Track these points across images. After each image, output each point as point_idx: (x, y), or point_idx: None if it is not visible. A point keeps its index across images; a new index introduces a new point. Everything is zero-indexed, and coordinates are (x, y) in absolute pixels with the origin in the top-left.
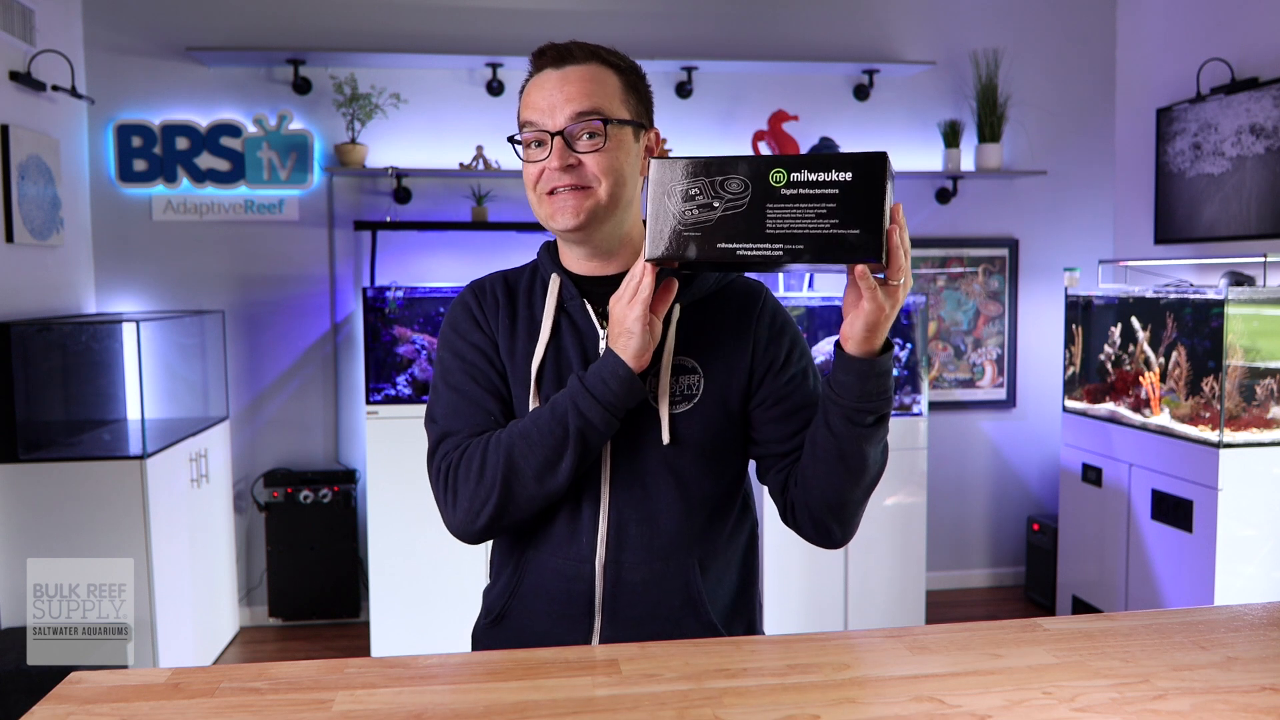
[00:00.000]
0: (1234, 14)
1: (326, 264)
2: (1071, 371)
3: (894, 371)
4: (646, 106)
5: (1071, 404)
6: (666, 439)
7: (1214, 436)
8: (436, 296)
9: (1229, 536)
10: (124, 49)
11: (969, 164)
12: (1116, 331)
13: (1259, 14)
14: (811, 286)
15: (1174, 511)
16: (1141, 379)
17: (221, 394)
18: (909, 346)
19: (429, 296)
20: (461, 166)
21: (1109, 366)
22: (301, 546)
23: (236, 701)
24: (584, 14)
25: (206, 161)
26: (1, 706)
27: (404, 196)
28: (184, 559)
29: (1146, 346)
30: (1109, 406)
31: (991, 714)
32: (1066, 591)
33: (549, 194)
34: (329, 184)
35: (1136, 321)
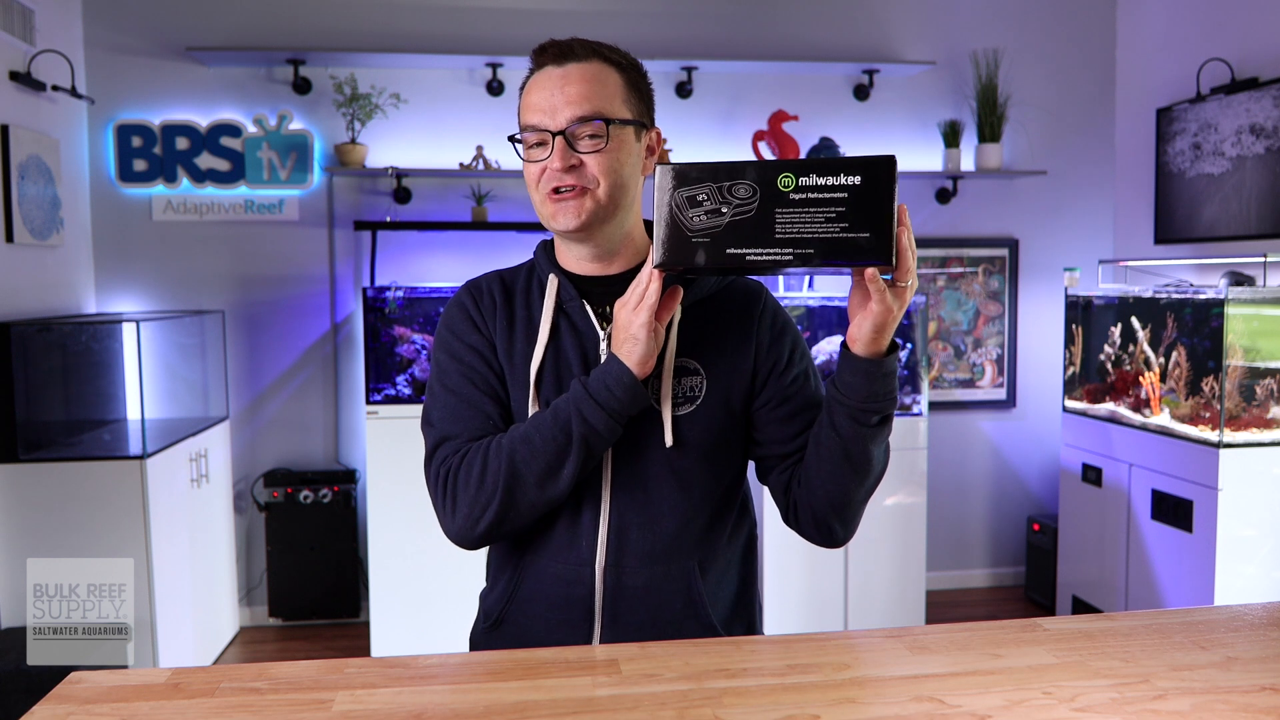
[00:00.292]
0: (1234, 14)
1: (326, 264)
2: (1071, 371)
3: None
4: (648, 105)
5: (1071, 404)
6: (670, 441)
7: (1214, 436)
8: (436, 296)
9: (1229, 536)
10: (124, 49)
11: (969, 164)
12: (1116, 331)
13: (1259, 14)
14: (811, 287)
15: (1174, 511)
16: (1141, 379)
17: (221, 394)
18: (909, 346)
19: (429, 296)
20: (461, 166)
21: (1109, 366)
22: (301, 546)
23: (236, 701)
24: (584, 14)
25: (206, 161)
26: (1, 706)
27: (404, 196)
28: (184, 559)
29: (1146, 346)
30: (1109, 406)
31: (991, 714)
32: (1066, 591)
33: (551, 194)
34: (329, 184)
35: (1136, 321)
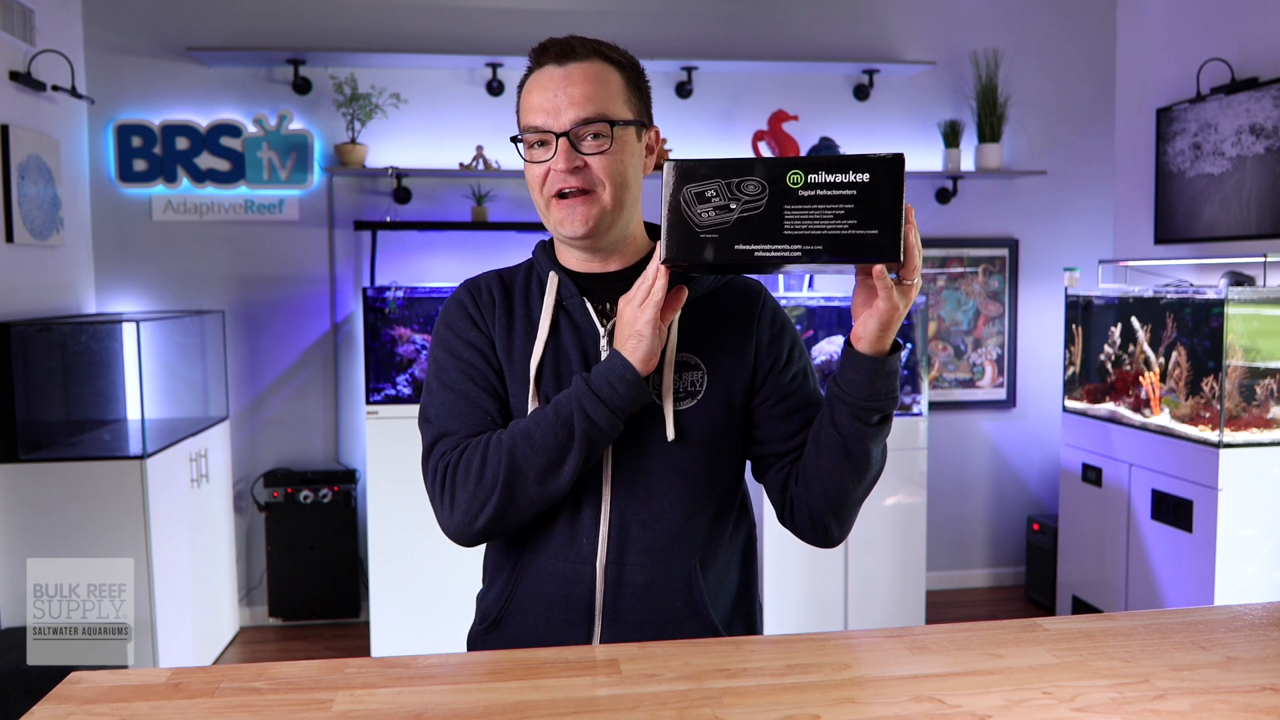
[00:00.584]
0: (1234, 14)
1: (326, 264)
2: (1071, 371)
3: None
4: (646, 104)
5: (1071, 404)
6: (671, 435)
7: (1214, 436)
8: (436, 296)
9: (1229, 536)
10: (124, 49)
11: (969, 164)
12: (1116, 331)
13: (1259, 14)
14: (811, 286)
15: (1174, 511)
16: (1141, 379)
17: (221, 394)
18: (909, 346)
19: (429, 296)
20: (461, 166)
21: (1109, 366)
22: (301, 546)
23: (236, 701)
24: (584, 14)
25: (206, 161)
26: (1, 706)
27: (404, 196)
28: (184, 559)
29: (1146, 346)
30: (1109, 406)
31: (991, 714)
32: (1066, 591)
33: (556, 198)
34: (329, 184)
35: (1136, 321)
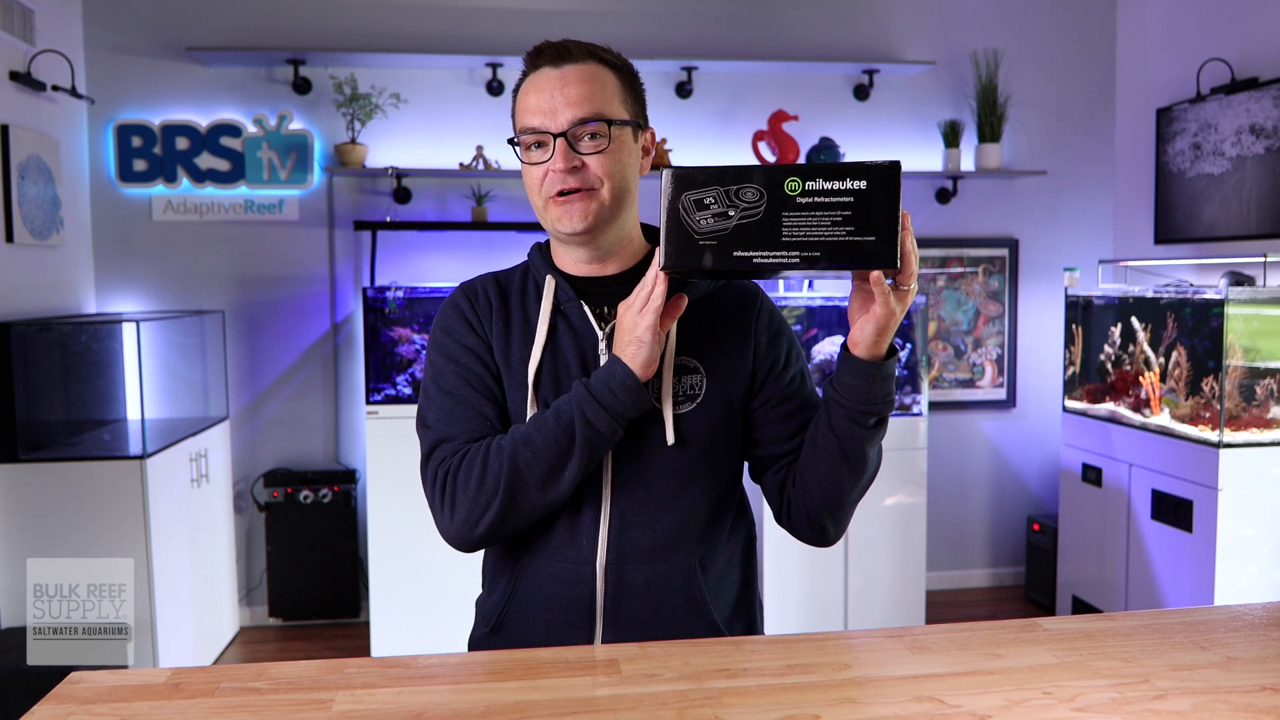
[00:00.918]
0: (1234, 14)
1: (326, 264)
2: (1071, 371)
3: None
4: (642, 106)
5: (1071, 404)
6: (671, 439)
7: (1214, 436)
8: (436, 296)
9: (1229, 536)
10: (124, 49)
11: (969, 164)
12: (1116, 331)
13: (1259, 14)
14: (811, 287)
15: (1174, 511)
16: (1141, 379)
17: (221, 394)
18: (909, 346)
19: (429, 296)
20: (461, 166)
21: (1109, 366)
22: (301, 546)
23: (236, 701)
24: (584, 14)
25: (206, 161)
26: (1, 706)
27: (404, 196)
28: (184, 559)
29: (1146, 346)
30: (1109, 406)
31: (991, 714)
32: (1066, 591)
33: (555, 197)
34: (329, 184)
35: (1136, 321)
